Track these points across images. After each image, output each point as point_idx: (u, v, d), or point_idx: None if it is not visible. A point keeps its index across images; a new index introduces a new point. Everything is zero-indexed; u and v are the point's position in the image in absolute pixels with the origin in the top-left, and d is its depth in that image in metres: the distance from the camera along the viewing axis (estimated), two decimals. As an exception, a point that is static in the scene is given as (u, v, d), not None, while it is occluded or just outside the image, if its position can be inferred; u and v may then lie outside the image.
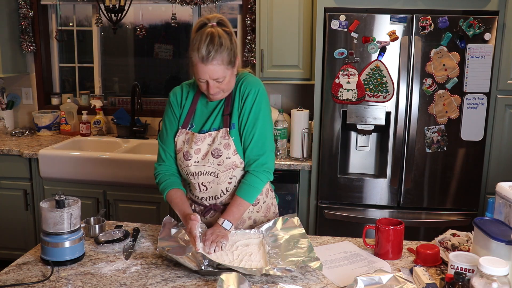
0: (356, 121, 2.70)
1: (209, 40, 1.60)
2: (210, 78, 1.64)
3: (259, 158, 1.75)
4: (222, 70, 1.63)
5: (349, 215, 2.79)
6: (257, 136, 1.74)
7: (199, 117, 1.80)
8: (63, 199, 1.52)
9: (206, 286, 1.42)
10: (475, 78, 2.61)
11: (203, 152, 1.74)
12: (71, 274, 1.48)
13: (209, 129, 1.77)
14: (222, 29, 1.65)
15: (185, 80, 1.96)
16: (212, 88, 1.66)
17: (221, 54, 1.61)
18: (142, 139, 3.51)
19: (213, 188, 1.78)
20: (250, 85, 1.75)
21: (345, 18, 2.60)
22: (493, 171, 2.80)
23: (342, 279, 1.47)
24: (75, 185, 3.10)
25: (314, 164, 2.86)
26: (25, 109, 3.84)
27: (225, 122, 1.75)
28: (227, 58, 1.63)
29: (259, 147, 1.75)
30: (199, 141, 1.74)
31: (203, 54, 1.59)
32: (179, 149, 1.79)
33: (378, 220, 1.65)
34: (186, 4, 3.44)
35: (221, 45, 1.60)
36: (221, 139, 1.73)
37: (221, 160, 1.73)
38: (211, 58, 1.60)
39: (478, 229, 1.38)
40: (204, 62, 1.60)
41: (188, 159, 1.75)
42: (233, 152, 1.74)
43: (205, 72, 1.62)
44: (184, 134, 1.78)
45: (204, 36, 1.61)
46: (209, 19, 1.66)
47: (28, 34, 3.63)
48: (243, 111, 1.74)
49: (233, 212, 1.71)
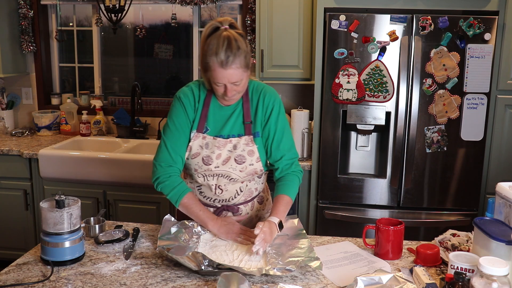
0: (356, 121, 2.70)
1: (227, 44, 1.58)
2: (229, 82, 1.63)
3: (294, 161, 1.84)
4: (240, 74, 1.63)
5: (349, 215, 2.79)
6: (289, 143, 1.82)
7: (213, 121, 1.77)
8: (63, 199, 1.52)
9: (206, 286, 1.42)
10: (475, 78, 2.61)
11: (224, 158, 1.74)
12: (71, 274, 1.48)
13: (228, 134, 1.76)
14: (236, 32, 1.64)
15: (185, 80, 1.97)
16: (230, 91, 1.65)
17: (239, 57, 1.60)
18: (142, 139, 3.51)
19: (229, 190, 1.79)
20: (273, 96, 1.80)
21: (345, 18, 2.60)
22: (493, 171, 2.80)
23: (342, 279, 1.47)
24: (75, 185, 3.10)
25: (314, 164, 2.86)
26: (25, 109, 3.84)
27: (247, 130, 1.76)
28: (245, 61, 1.63)
29: (292, 152, 1.83)
30: (221, 146, 1.74)
31: (222, 58, 1.58)
32: (195, 154, 1.75)
33: (378, 220, 1.65)
34: (186, 4, 3.44)
35: (238, 49, 1.60)
36: (244, 146, 1.75)
37: (244, 167, 1.75)
38: (230, 62, 1.59)
39: (478, 229, 1.38)
40: (223, 66, 1.59)
41: (208, 163, 1.74)
42: (256, 159, 1.76)
43: (224, 76, 1.61)
44: (200, 139, 1.75)
45: (221, 40, 1.59)
46: (221, 23, 1.64)
47: (28, 34, 3.63)
48: (270, 122, 1.78)
49: (283, 211, 1.74)
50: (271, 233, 1.63)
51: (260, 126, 1.78)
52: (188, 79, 3.74)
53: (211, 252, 1.61)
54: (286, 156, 1.81)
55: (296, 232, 1.72)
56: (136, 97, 3.43)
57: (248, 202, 1.86)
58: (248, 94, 1.79)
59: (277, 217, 1.69)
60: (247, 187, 1.82)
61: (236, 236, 1.70)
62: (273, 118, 1.78)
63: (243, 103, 1.77)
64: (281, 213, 1.71)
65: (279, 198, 1.76)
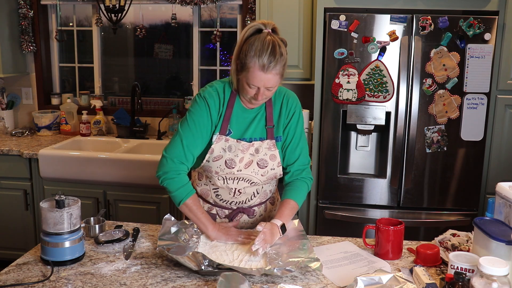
0: (356, 121, 2.70)
1: (271, 49, 1.57)
2: (264, 86, 1.62)
3: (306, 167, 1.84)
4: (277, 80, 1.63)
5: (349, 215, 2.79)
6: (304, 149, 1.83)
7: (236, 124, 1.75)
8: (63, 199, 1.52)
9: (206, 286, 1.42)
10: (475, 78, 2.61)
11: (246, 161, 1.74)
12: (71, 274, 1.48)
13: (250, 138, 1.75)
14: (279, 38, 1.63)
15: (185, 80, 1.97)
16: (261, 96, 1.64)
17: (280, 64, 1.60)
18: (142, 139, 3.51)
19: (246, 192, 1.80)
20: (295, 101, 1.82)
21: (345, 18, 2.60)
22: (493, 171, 2.80)
23: (342, 279, 1.47)
24: (75, 185, 3.10)
25: (314, 164, 2.85)
26: (25, 109, 3.84)
27: (270, 134, 1.76)
28: (283, 69, 1.63)
29: (305, 158, 1.84)
30: (245, 150, 1.73)
31: (265, 62, 1.57)
32: (218, 156, 1.72)
33: (378, 220, 1.65)
34: (186, 4, 3.44)
35: (281, 55, 1.59)
36: (267, 150, 1.75)
37: (266, 171, 1.75)
38: (272, 67, 1.58)
39: (478, 229, 1.38)
40: (264, 70, 1.58)
41: (231, 167, 1.72)
42: (277, 163, 1.77)
43: (261, 80, 1.60)
44: (223, 141, 1.72)
45: (266, 44, 1.58)
46: (265, 25, 1.63)
47: (28, 34, 3.63)
48: (289, 126, 1.79)
49: (288, 216, 1.74)
50: (272, 234, 1.63)
51: (282, 131, 1.79)
52: (188, 79, 3.74)
53: (211, 252, 1.61)
54: (299, 162, 1.81)
55: (296, 233, 1.72)
56: (136, 97, 3.43)
57: (262, 203, 1.87)
58: (272, 98, 1.78)
59: (280, 220, 1.69)
60: (263, 189, 1.83)
61: (236, 237, 1.70)
62: (293, 122, 1.80)
63: (266, 106, 1.77)
64: (285, 217, 1.71)
65: (285, 202, 1.76)
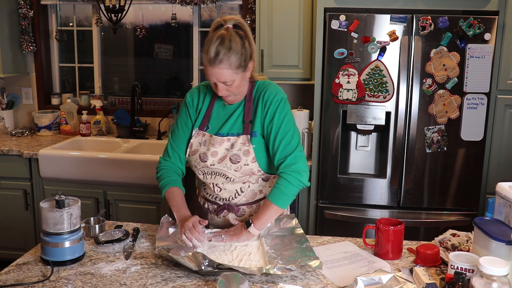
0: (356, 121, 2.70)
1: (218, 43, 1.59)
2: (218, 81, 1.64)
3: (286, 159, 1.71)
4: (230, 74, 1.62)
5: (349, 215, 2.79)
6: (283, 140, 1.72)
7: (215, 119, 1.80)
8: (63, 199, 1.52)
9: (206, 286, 1.42)
10: (475, 78, 2.61)
11: (220, 156, 1.74)
12: (71, 274, 1.48)
13: (227, 133, 1.77)
14: (236, 32, 1.63)
15: (185, 80, 1.98)
16: (221, 91, 1.66)
17: (229, 58, 1.59)
18: (142, 139, 3.51)
19: (227, 189, 1.79)
20: (273, 93, 1.75)
21: (345, 18, 2.60)
22: (493, 171, 2.80)
23: (342, 279, 1.47)
24: (75, 185, 3.10)
25: (314, 164, 2.85)
26: (25, 109, 3.84)
27: (246, 129, 1.75)
28: (236, 62, 1.61)
29: (286, 150, 1.72)
30: (216, 144, 1.74)
31: (211, 56, 1.59)
32: (195, 150, 1.78)
33: (378, 220, 1.65)
34: (186, 4, 3.44)
35: (230, 49, 1.59)
36: (241, 145, 1.73)
37: (239, 166, 1.73)
38: (218, 61, 1.59)
39: (478, 229, 1.38)
40: (211, 64, 1.60)
41: (204, 160, 1.75)
42: (251, 159, 1.73)
43: (212, 74, 1.62)
44: (201, 136, 1.79)
45: (215, 38, 1.60)
46: (226, 21, 1.65)
47: (28, 34, 3.63)
48: (266, 118, 1.73)
49: (259, 215, 1.69)
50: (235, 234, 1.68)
51: (260, 126, 1.75)
52: (188, 79, 3.74)
53: (210, 252, 1.61)
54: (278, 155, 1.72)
55: (295, 232, 1.72)
56: (136, 97, 3.43)
57: (252, 204, 1.84)
58: (252, 93, 1.78)
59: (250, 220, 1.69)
60: (250, 188, 1.81)
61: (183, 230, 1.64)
62: (271, 112, 1.73)
63: (246, 102, 1.77)
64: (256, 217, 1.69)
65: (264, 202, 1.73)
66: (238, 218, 1.83)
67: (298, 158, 1.73)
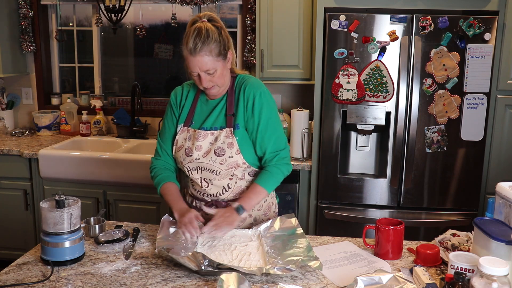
0: (356, 121, 2.70)
1: (196, 33, 1.67)
2: (201, 70, 1.69)
3: (279, 153, 1.81)
4: (211, 62, 1.68)
5: (349, 215, 2.79)
6: (274, 135, 1.80)
7: (199, 114, 1.85)
8: (63, 199, 1.52)
9: (206, 286, 1.42)
10: (475, 78, 2.61)
11: (205, 150, 1.78)
12: (71, 274, 1.48)
13: (210, 127, 1.81)
14: (211, 24, 1.71)
15: (185, 80, 1.99)
16: (204, 81, 1.71)
17: (208, 45, 1.67)
18: (142, 139, 3.51)
19: (214, 184, 1.81)
20: (254, 88, 1.79)
21: (345, 18, 2.60)
22: (493, 171, 2.80)
23: (342, 279, 1.47)
24: (75, 185, 3.10)
25: (314, 164, 2.86)
26: (25, 109, 3.84)
27: (229, 122, 1.78)
28: (216, 49, 1.68)
29: (277, 144, 1.81)
30: (200, 138, 1.78)
31: (191, 46, 1.67)
32: (180, 146, 1.83)
33: (378, 220, 1.65)
34: (186, 4, 3.44)
35: (208, 37, 1.67)
36: (225, 138, 1.76)
37: (224, 159, 1.76)
38: (199, 49, 1.66)
39: (478, 229, 1.38)
40: (192, 54, 1.68)
41: (189, 155, 1.79)
42: (236, 151, 1.76)
43: (194, 64, 1.69)
44: (185, 132, 1.83)
45: (192, 30, 1.69)
46: (200, 17, 1.74)
47: (28, 34, 3.63)
48: (253, 114, 1.78)
49: (249, 198, 1.75)
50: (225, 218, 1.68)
51: (243, 119, 1.79)
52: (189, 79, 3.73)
53: (210, 252, 1.61)
54: (270, 149, 1.80)
55: (294, 232, 1.72)
56: (136, 97, 3.43)
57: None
58: (233, 87, 1.83)
59: (238, 202, 1.72)
60: (237, 184, 1.82)
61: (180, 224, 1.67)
62: (256, 109, 1.78)
63: (228, 96, 1.82)
64: (245, 199, 1.74)
65: (251, 186, 1.79)
66: None
67: (287, 150, 1.86)
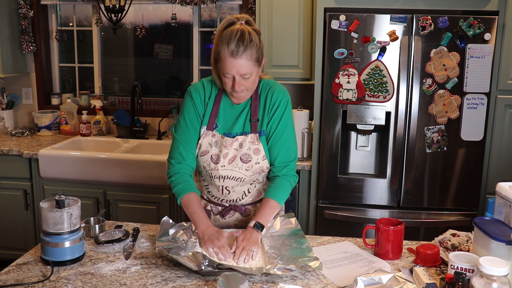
0: (356, 121, 2.70)
1: (239, 35, 1.62)
2: (238, 73, 1.64)
3: (289, 164, 1.79)
4: (250, 66, 1.65)
5: (349, 215, 2.79)
6: (286, 144, 1.79)
7: (223, 119, 1.78)
8: (63, 199, 1.52)
9: (206, 286, 1.42)
10: (475, 78, 2.61)
11: (230, 157, 1.74)
12: (71, 274, 1.48)
13: (236, 133, 1.77)
14: (251, 28, 1.67)
15: (185, 80, 1.97)
16: (238, 85, 1.66)
17: (250, 49, 1.63)
18: (142, 139, 3.51)
19: (236, 191, 1.79)
20: (281, 94, 1.79)
21: (345, 18, 2.60)
22: (493, 171, 2.80)
23: (342, 279, 1.47)
24: (75, 185, 3.10)
25: (314, 164, 2.85)
26: (25, 109, 3.84)
27: (254, 128, 1.76)
28: (256, 55, 1.65)
29: (288, 154, 1.79)
30: (228, 145, 1.74)
31: (233, 48, 1.61)
32: (204, 151, 1.76)
33: (378, 220, 1.65)
34: (186, 4, 3.44)
35: (251, 41, 1.63)
36: (250, 144, 1.74)
37: (250, 165, 1.74)
38: (241, 52, 1.61)
39: (478, 229, 1.38)
40: (233, 56, 1.62)
41: (216, 162, 1.74)
42: (262, 157, 1.75)
43: (233, 66, 1.63)
44: (210, 136, 1.76)
45: (235, 32, 1.63)
46: (238, 18, 1.69)
47: (28, 34, 3.63)
48: (273, 119, 1.77)
49: (265, 214, 1.70)
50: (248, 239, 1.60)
51: (266, 124, 1.78)
52: (188, 79, 3.74)
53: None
54: (280, 158, 1.78)
55: (294, 232, 1.72)
56: (136, 97, 3.43)
57: (257, 203, 1.86)
58: (258, 92, 1.79)
59: (255, 220, 1.67)
60: (256, 188, 1.82)
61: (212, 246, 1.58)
62: (277, 116, 1.77)
63: (252, 100, 1.78)
64: (261, 216, 1.69)
65: (265, 201, 1.73)
66: (244, 218, 1.84)
67: (296, 162, 1.83)
